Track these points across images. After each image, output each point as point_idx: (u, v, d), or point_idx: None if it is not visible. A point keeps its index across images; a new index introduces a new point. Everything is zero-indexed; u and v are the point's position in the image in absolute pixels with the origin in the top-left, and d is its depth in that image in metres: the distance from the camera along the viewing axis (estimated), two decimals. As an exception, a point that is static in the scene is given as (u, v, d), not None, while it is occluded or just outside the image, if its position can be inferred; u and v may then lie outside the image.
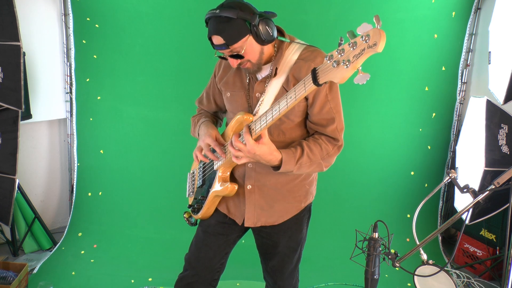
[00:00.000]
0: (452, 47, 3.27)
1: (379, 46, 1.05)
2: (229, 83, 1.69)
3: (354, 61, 1.11)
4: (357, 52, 1.10)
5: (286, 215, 1.72)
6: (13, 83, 2.52)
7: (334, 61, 1.16)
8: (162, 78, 3.30)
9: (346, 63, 1.13)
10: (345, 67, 1.13)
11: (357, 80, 1.11)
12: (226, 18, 1.43)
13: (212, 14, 1.46)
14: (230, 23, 1.43)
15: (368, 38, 1.06)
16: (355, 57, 1.11)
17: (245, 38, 1.46)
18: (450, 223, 1.61)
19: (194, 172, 1.92)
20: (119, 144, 3.40)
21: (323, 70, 1.22)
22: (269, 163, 1.51)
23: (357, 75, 1.11)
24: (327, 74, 1.20)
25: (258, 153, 1.45)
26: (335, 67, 1.16)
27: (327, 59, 1.19)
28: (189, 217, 1.90)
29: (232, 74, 1.69)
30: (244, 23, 1.44)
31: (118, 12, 3.21)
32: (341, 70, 1.15)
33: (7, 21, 2.46)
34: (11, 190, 2.68)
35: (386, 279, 2.88)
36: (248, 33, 1.45)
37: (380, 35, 1.04)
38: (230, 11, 1.42)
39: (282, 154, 1.50)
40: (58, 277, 2.81)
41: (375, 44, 1.05)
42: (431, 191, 1.72)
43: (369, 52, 1.08)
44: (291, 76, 1.54)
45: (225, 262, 1.83)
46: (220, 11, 1.43)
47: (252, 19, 1.43)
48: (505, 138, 2.65)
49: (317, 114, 1.55)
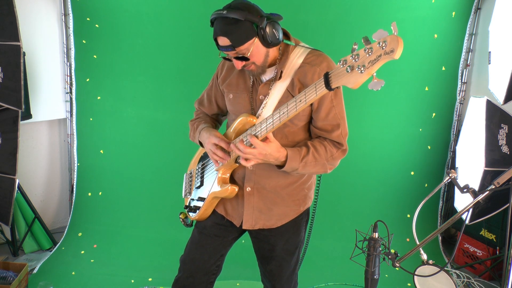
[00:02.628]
0: (452, 47, 3.27)
1: (397, 53, 1.04)
2: (233, 84, 1.67)
3: (370, 67, 1.10)
4: (373, 58, 1.09)
5: (284, 219, 1.71)
6: (13, 83, 2.52)
7: (348, 66, 1.16)
8: (162, 78, 3.30)
9: (361, 68, 1.12)
10: (360, 72, 1.12)
11: (372, 86, 1.10)
12: (234, 20, 1.41)
13: (218, 14, 1.44)
14: (237, 25, 1.42)
15: (385, 44, 1.06)
16: (370, 62, 1.10)
17: (252, 41, 1.45)
18: (450, 223, 1.61)
19: (191, 173, 1.91)
20: (119, 144, 3.40)
21: (336, 74, 1.21)
22: (278, 160, 1.50)
23: (371, 81, 1.11)
24: (340, 79, 1.19)
25: (269, 151, 1.45)
26: (349, 72, 1.15)
27: (340, 63, 1.18)
28: (185, 218, 1.89)
29: (235, 76, 1.67)
30: (252, 26, 1.43)
31: (118, 12, 3.21)
32: (355, 75, 1.14)
33: (7, 21, 2.46)
34: (11, 190, 2.68)
35: (386, 279, 2.88)
36: (254, 35, 1.44)
37: (398, 42, 1.04)
38: (238, 13, 1.40)
39: (287, 151, 1.50)
40: (58, 277, 2.81)
41: (392, 51, 1.05)
42: (431, 191, 1.72)
43: (386, 58, 1.07)
44: (296, 80, 1.53)
45: (221, 265, 1.82)
46: (227, 12, 1.41)
47: (259, 22, 1.42)
48: (505, 138, 2.65)
49: (322, 119, 1.55)
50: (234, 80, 1.67)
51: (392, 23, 1.06)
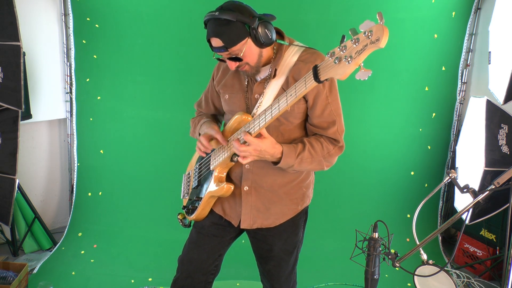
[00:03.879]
0: (452, 47, 3.27)
1: (382, 42, 1.05)
2: (228, 85, 1.68)
3: (356, 57, 1.11)
4: (359, 48, 1.10)
5: (282, 218, 1.71)
6: (13, 83, 2.52)
7: (336, 57, 1.16)
8: (162, 78, 3.30)
9: (348, 59, 1.13)
10: (347, 63, 1.13)
11: (359, 76, 1.11)
12: (225, 21, 1.43)
13: (211, 16, 1.45)
14: (229, 25, 1.43)
15: (371, 34, 1.07)
16: (357, 53, 1.11)
17: (244, 41, 1.45)
18: (450, 223, 1.61)
19: (189, 173, 1.91)
20: (119, 144, 3.40)
21: (324, 67, 1.22)
22: (273, 156, 1.50)
23: (358, 71, 1.11)
24: (328, 71, 1.20)
25: (263, 148, 1.46)
26: (337, 63, 1.16)
27: (328, 55, 1.19)
28: (183, 219, 1.89)
29: (230, 76, 1.68)
30: (243, 26, 1.44)
31: (118, 12, 3.21)
32: (343, 66, 1.15)
33: (7, 21, 2.46)
34: (11, 190, 2.68)
35: (386, 279, 2.88)
36: (247, 36, 1.45)
37: (383, 31, 1.04)
38: (230, 14, 1.42)
39: (283, 147, 1.51)
40: (58, 277, 2.81)
41: (378, 40, 1.05)
42: (431, 191, 1.72)
43: (372, 47, 1.08)
44: (291, 77, 1.54)
45: (219, 265, 1.81)
46: (219, 14, 1.43)
47: (251, 22, 1.43)
48: (505, 138, 2.65)
49: (318, 117, 1.55)
50: (229, 80, 1.68)
51: (378, 13, 1.07)
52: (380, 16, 1.06)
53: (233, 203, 1.72)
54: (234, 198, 1.70)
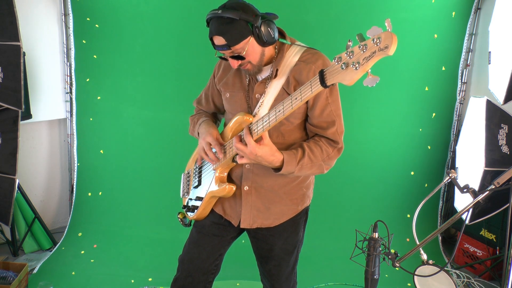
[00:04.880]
0: (452, 47, 3.27)
1: (391, 49, 1.04)
2: (229, 83, 1.68)
3: (364, 64, 1.11)
4: (367, 55, 1.10)
5: (282, 218, 1.71)
6: (13, 83, 2.52)
7: (343, 63, 1.16)
8: (162, 78, 3.30)
9: (355, 65, 1.12)
10: (355, 69, 1.13)
11: (367, 83, 1.11)
12: (229, 19, 1.43)
13: (214, 14, 1.45)
14: (232, 24, 1.43)
15: (379, 41, 1.06)
16: (365, 59, 1.10)
17: (247, 40, 1.46)
18: (450, 223, 1.61)
19: (189, 173, 1.91)
20: (119, 144, 3.40)
21: (331, 72, 1.21)
22: (271, 164, 1.50)
23: (366, 77, 1.11)
24: (335, 76, 1.20)
25: (259, 154, 1.45)
26: (344, 69, 1.16)
27: (335, 61, 1.19)
28: (183, 218, 1.89)
29: (232, 75, 1.68)
30: (246, 25, 1.44)
31: (118, 12, 3.21)
32: (350, 72, 1.15)
33: (7, 21, 2.46)
34: (11, 190, 2.68)
35: (386, 279, 2.88)
36: (250, 34, 1.45)
37: (392, 38, 1.04)
38: (233, 12, 1.42)
39: (283, 155, 1.50)
40: (58, 277, 2.80)
41: (387, 47, 1.05)
42: (431, 191, 1.72)
43: (380, 55, 1.07)
44: (292, 77, 1.54)
45: (219, 264, 1.81)
46: (222, 12, 1.43)
47: (254, 21, 1.43)
48: (505, 138, 2.65)
49: (317, 117, 1.55)
50: (230, 79, 1.68)
51: (386, 20, 1.07)
52: (388, 23, 1.06)
53: (233, 202, 1.72)
54: (234, 198, 1.70)
